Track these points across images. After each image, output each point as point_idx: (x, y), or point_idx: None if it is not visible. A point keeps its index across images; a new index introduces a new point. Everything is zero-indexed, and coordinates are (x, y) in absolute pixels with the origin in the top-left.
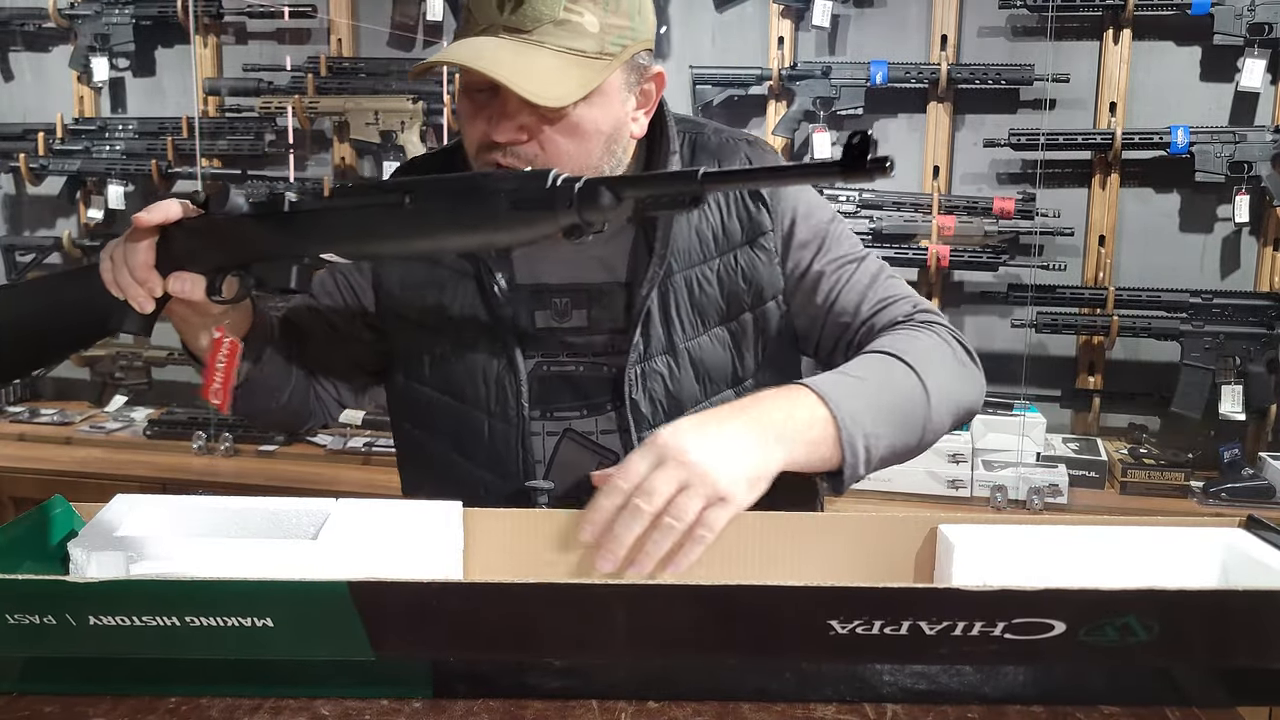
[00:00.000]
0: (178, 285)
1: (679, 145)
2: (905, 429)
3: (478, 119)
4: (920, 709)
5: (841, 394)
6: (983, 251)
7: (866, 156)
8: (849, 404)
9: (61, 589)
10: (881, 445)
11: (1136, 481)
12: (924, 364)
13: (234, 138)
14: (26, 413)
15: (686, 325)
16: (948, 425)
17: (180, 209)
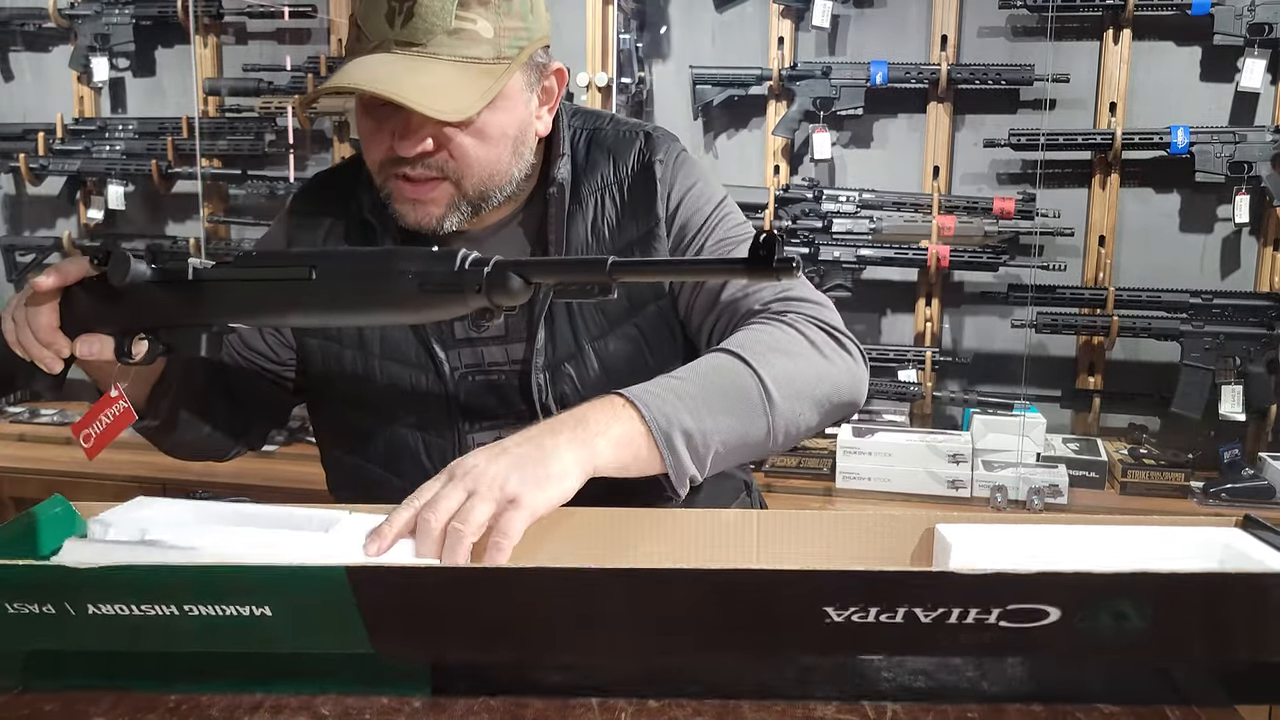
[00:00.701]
0: (86, 349)
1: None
2: (742, 419)
3: (379, 135)
4: (920, 708)
5: (651, 394)
6: (983, 252)
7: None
8: (658, 402)
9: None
10: (714, 439)
11: (1136, 482)
12: (758, 354)
13: (234, 138)
14: (26, 413)
15: (591, 325)
16: (811, 415)
17: (79, 270)
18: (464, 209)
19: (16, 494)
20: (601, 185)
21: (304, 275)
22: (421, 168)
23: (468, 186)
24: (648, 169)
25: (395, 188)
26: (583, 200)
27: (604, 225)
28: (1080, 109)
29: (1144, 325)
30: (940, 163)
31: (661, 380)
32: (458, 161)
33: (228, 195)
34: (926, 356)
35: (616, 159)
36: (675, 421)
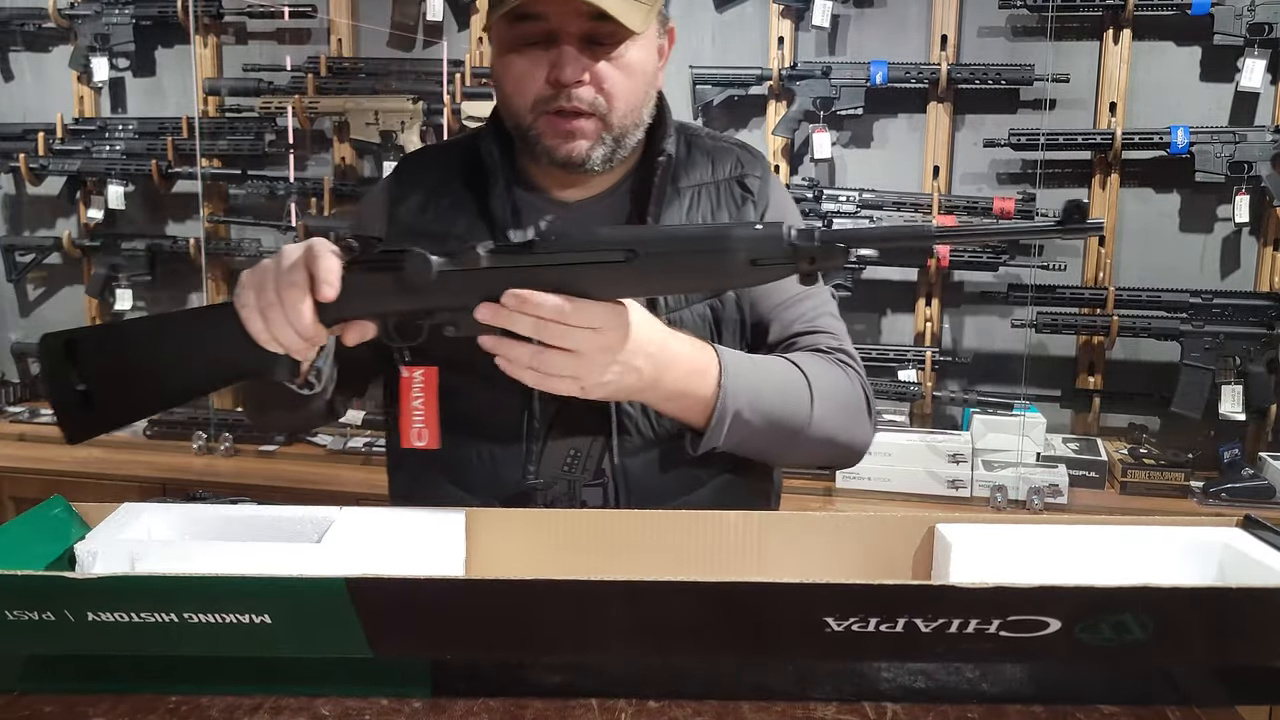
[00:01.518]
0: (356, 336)
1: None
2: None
3: (533, 74)
4: (920, 708)
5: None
6: (983, 251)
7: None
8: (738, 383)
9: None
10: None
11: (1136, 481)
12: (821, 390)
13: (234, 138)
14: (26, 413)
15: (670, 299)
16: (820, 453)
17: (338, 265)
18: (608, 144)
19: (16, 494)
20: (699, 182)
21: (619, 259)
22: (575, 101)
23: (613, 120)
24: (743, 179)
25: (545, 125)
26: (680, 191)
27: (699, 215)
28: (1080, 109)
29: (1144, 325)
30: (940, 163)
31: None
32: (606, 96)
33: (228, 195)
34: (926, 356)
35: (715, 163)
36: (737, 405)
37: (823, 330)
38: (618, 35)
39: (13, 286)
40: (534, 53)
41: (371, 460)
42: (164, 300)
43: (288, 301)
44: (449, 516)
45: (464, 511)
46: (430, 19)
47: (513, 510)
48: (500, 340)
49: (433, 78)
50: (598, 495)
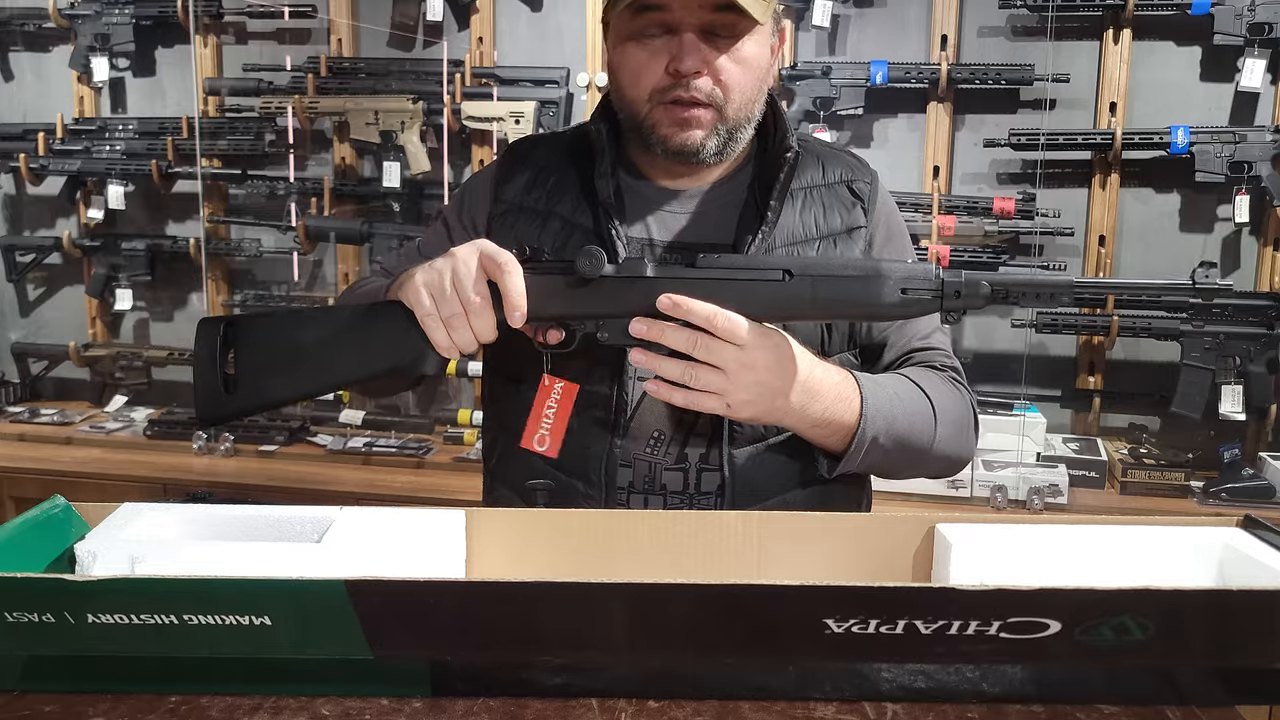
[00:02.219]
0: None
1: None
2: (905, 454)
3: (653, 64)
4: (920, 708)
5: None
6: (983, 251)
7: None
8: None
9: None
10: (882, 455)
11: (1136, 481)
12: (943, 412)
13: (234, 138)
14: (26, 413)
15: None
16: (934, 468)
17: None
18: (722, 135)
19: (16, 494)
20: (811, 184)
21: (779, 278)
22: (694, 91)
23: (729, 112)
24: (852, 184)
25: (662, 114)
26: (793, 190)
27: (810, 215)
28: (1080, 109)
29: (1144, 325)
30: (940, 163)
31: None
32: (723, 87)
33: (228, 195)
34: None
35: (826, 167)
36: (875, 431)
37: (935, 347)
38: (737, 28)
39: (13, 286)
40: (653, 43)
41: (371, 460)
42: (164, 300)
43: (474, 315)
44: (449, 516)
45: (464, 511)
46: (430, 19)
47: (513, 510)
48: (653, 356)
49: (433, 78)
50: (678, 480)
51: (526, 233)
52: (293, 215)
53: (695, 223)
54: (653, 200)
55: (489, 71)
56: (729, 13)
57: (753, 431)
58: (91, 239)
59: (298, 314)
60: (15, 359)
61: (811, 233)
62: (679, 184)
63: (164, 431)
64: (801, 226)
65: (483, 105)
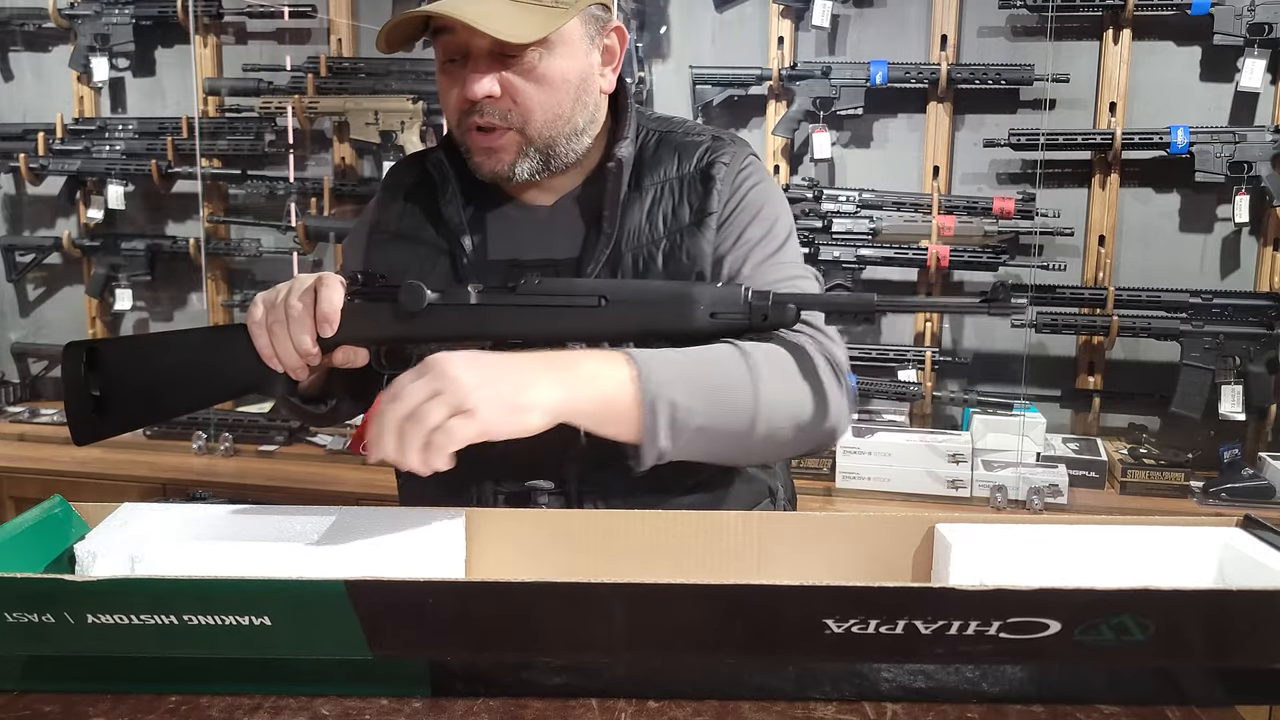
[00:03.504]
0: (344, 358)
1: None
2: (727, 415)
3: (454, 88)
4: (920, 708)
5: (654, 358)
6: (983, 251)
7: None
8: (657, 368)
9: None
10: (694, 420)
11: (1136, 481)
12: (764, 363)
13: (234, 138)
14: (26, 413)
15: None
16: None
17: (341, 294)
18: (533, 156)
19: (16, 494)
20: (663, 179)
21: (594, 304)
22: (489, 116)
23: (532, 133)
24: (709, 168)
25: (471, 140)
26: (644, 189)
27: (658, 213)
28: (1080, 109)
29: (1144, 325)
30: (940, 163)
31: (666, 351)
32: (520, 107)
33: (228, 195)
34: (926, 356)
35: (681, 157)
36: (665, 391)
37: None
38: (528, 46)
39: (13, 286)
40: (453, 69)
41: None
42: (164, 300)
43: (293, 322)
44: (449, 517)
45: (464, 512)
46: None
47: (513, 510)
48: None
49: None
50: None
51: (398, 257)
52: (293, 215)
53: (552, 237)
54: (514, 218)
55: None
56: None
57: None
58: (91, 239)
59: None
60: (15, 359)
61: (659, 231)
62: (536, 198)
63: (164, 431)
64: (649, 227)
65: None
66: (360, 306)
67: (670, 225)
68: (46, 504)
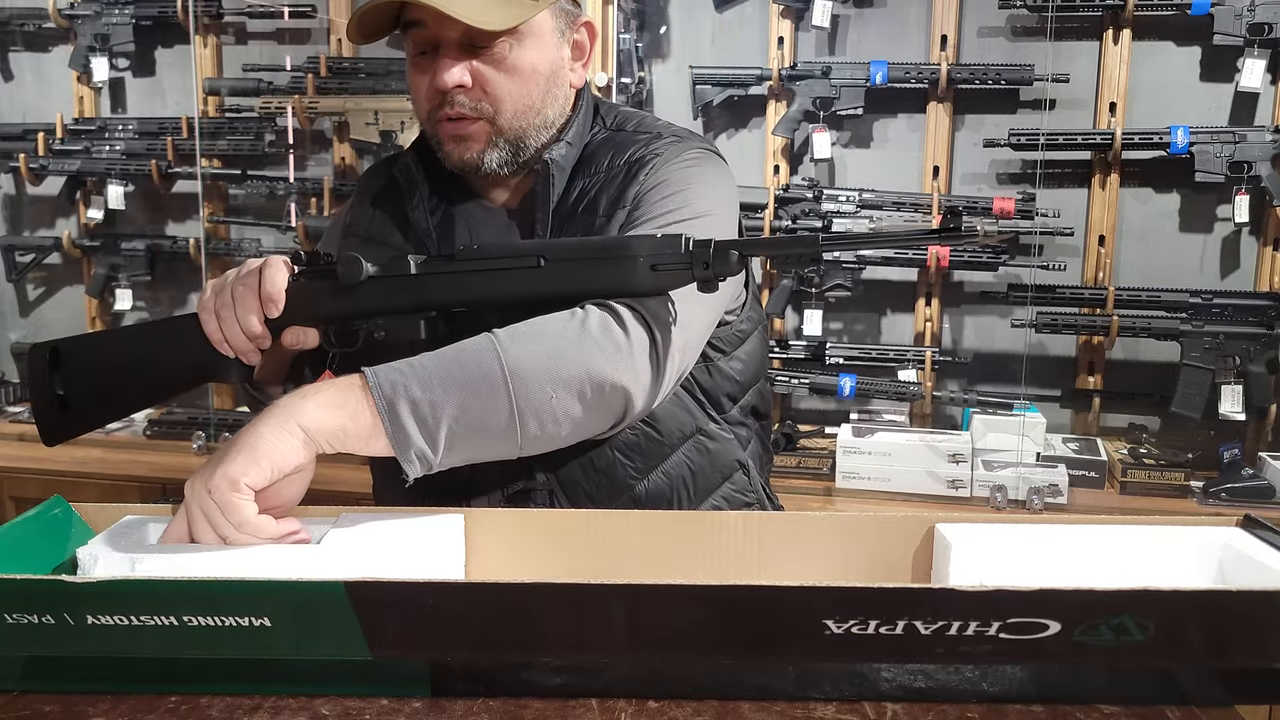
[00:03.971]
0: (293, 339)
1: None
2: (480, 397)
3: (424, 82)
4: (920, 708)
5: (383, 366)
6: (983, 251)
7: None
8: (386, 372)
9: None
10: (444, 412)
11: (1136, 481)
12: (510, 335)
13: (234, 138)
14: (26, 413)
15: None
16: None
17: (285, 274)
18: (503, 147)
19: (16, 494)
20: (595, 172)
21: (533, 264)
22: (459, 106)
23: (502, 123)
24: (637, 163)
25: (442, 131)
26: (579, 188)
27: (583, 203)
28: (1080, 109)
29: (1144, 325)
30: (940, 163)
31: (403, 361)
32: (490, 97)
33: (228, 195)
34: (926, 356)
35: (616, 154)
36: (401, 389)
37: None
38: (494, 37)
39: (13, 286)
40: (423, 61)
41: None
42: (164, 300)
43: (239, 305)
44: (448, 518)
45: (463, 513)
46: None
47: (512, 510)
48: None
49: None
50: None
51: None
52: (293, 215)
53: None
54: (479, 219)
55: None
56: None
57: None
58: (91, 239)
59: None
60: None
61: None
62: (502, 198)
63: (164, 431)
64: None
65: None
66: (305, 286)
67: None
68: (47, 504)
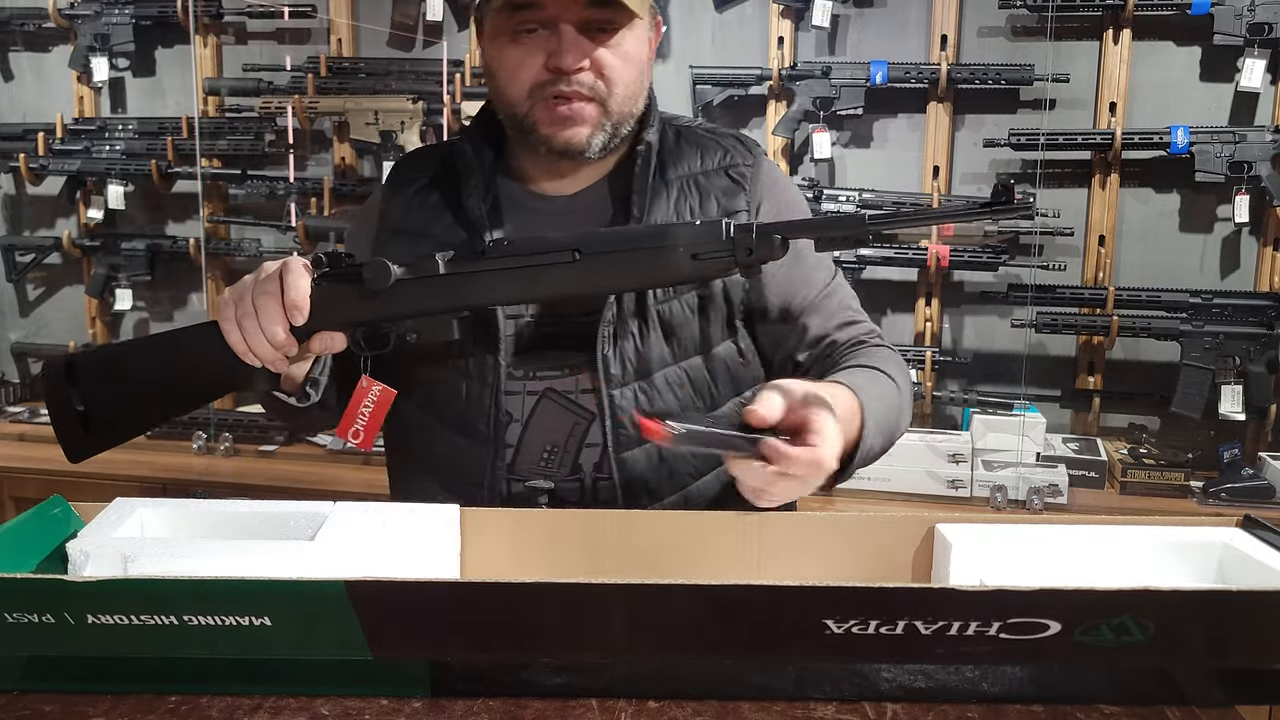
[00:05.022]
0: (321, 345)
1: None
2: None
3: (530, 61)
4: (920, 708)
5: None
6: (983, 251)
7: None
8: (873, 419)
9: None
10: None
11: (1136, 481)
12: (906, 398)
13: (234, 138)
14: (26, 413)
15: (658, 291)
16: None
17: (307, 279)
18: (606, 130)
19: (16, 494)
20: (687, 173)
21: (568, 259)
22: (575, 87)
23: (612, 107)
24: (730, 169)
25: (544, 111)
26: (669, 183)
27: (686, 205)
28: (1080, 109)
29: (1144, 325)
30: (940, 162)
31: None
32: (605, 81)
33: (228, 195)
34: (926, 356)
35: (704, 154)
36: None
37: (859, 320)
38: (615, 23)
39: (13, 286)
40: (530, 40)
41: (371, 460)
42: (164, 300)
43: (262, 313)
44: (443, 513)
45: (458, 509)
46: (430, 19)
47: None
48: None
49: (433, 78)
50: (574, 491)
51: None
52: (293, 215)
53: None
54: (531, 208)
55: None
56: (605, 8)
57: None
58: (91, 239)
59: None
60: (15, 359)
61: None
62: (558, 187)
63: (164, 431)
64: (676, 218)
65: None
66: (329, 290)
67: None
68: (46, 504)
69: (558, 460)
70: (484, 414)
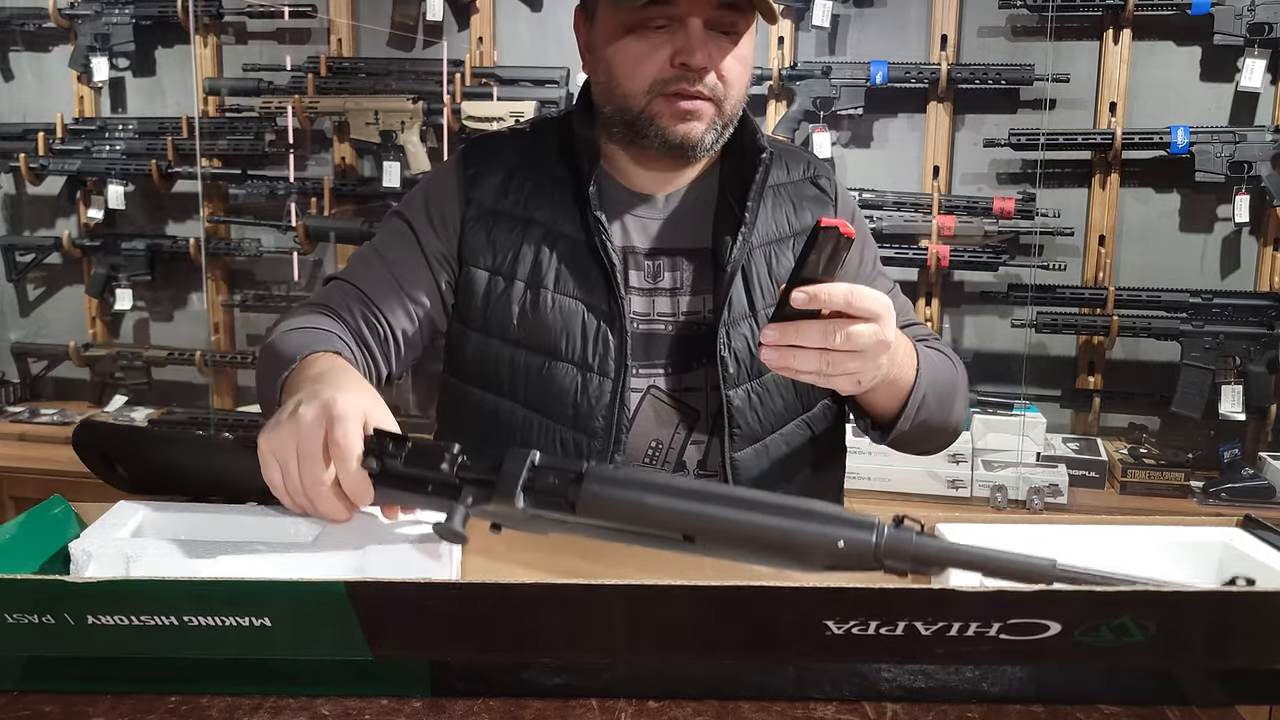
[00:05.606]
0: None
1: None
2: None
3: (653, 56)
4: (920, 708)
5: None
6: (983, 251)
7: None
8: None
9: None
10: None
11: (1136, 481)
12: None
13: (234, 138)
14: (26, 413)
15: (765, 292)
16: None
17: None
18: (718, 130)
19: (16, 494)
20: (778, 182)
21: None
22: (698, 85)
23: (727, 107)
24: (816, 179)
25: (662, 107)
26: (766, 190)
27: (782, 214)
28: (1080, 109)
29: (1144, 325)
30: (940, 162)
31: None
32: (724, 82)
33: (228, 195)
34: None
35: (789, 165)
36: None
37: (916, 322)
38: (738, 25)
39: (13, 286)
40: (655, 35)
41: None
42: (164, 300)
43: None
44: None
45: None
46: (430, 19)
47: None
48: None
49: (433, 78)
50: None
51: (504, 238)
52: (293, 215)
53: (671, 227)
54: (625, 205)
55: (489, 71)
56: (732, 10)
57: (750, 430)
58: (91, 239)
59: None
60: (15, 359)
61: (785, 231)
62: (653, 185)
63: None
64: (775, 226)
65: (483, 105)
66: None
67: (794, 227)
68: (46, 504)
69: (662, 456)
70: (603, 410)
